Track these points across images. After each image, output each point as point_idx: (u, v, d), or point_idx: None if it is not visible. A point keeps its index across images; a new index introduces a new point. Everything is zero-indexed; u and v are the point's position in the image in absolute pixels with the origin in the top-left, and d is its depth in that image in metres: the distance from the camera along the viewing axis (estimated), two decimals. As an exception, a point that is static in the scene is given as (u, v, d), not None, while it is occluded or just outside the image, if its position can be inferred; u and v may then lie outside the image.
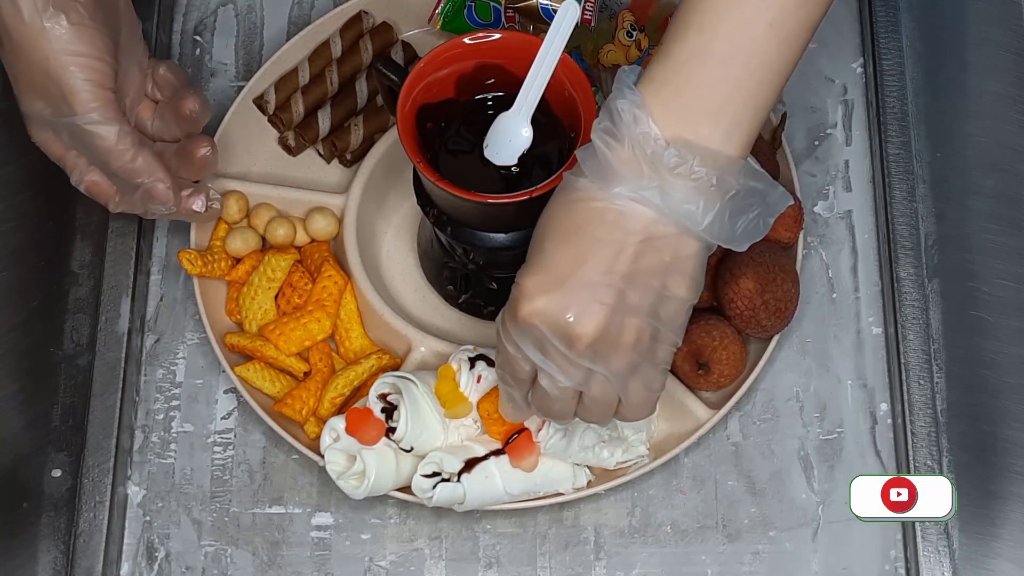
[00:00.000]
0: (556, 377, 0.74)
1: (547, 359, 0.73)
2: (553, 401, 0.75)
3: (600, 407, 0.76)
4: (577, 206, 0.71)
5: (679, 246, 0.71)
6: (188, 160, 0.88)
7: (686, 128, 0.69)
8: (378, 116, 1.00)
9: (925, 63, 1.02)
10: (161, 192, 0.86)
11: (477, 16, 1.01)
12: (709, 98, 0.69)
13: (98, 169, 0.88)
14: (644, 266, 0.70)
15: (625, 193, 0.69)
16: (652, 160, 0.68)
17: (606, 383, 0.74)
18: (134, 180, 0.86)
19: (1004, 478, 0.92)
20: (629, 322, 0.71)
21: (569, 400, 0.75)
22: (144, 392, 0.95)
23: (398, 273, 0.99)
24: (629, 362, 0.73)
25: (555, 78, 0.81)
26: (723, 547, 0.91)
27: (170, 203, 0.88)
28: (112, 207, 0.90)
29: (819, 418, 0.94)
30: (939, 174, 0.99)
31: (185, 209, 0.90)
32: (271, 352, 0.93)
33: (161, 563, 0.91)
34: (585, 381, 0.74)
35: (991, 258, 0.97)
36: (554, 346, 0.72)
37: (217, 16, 1.07)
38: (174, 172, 0.88)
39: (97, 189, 0.89)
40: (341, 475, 0.87)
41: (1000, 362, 0.94)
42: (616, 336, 0.72)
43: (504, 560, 0.91)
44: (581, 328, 0.71)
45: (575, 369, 0.73)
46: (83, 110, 0.83)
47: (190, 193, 0.90)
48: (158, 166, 0.87)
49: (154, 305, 0.98)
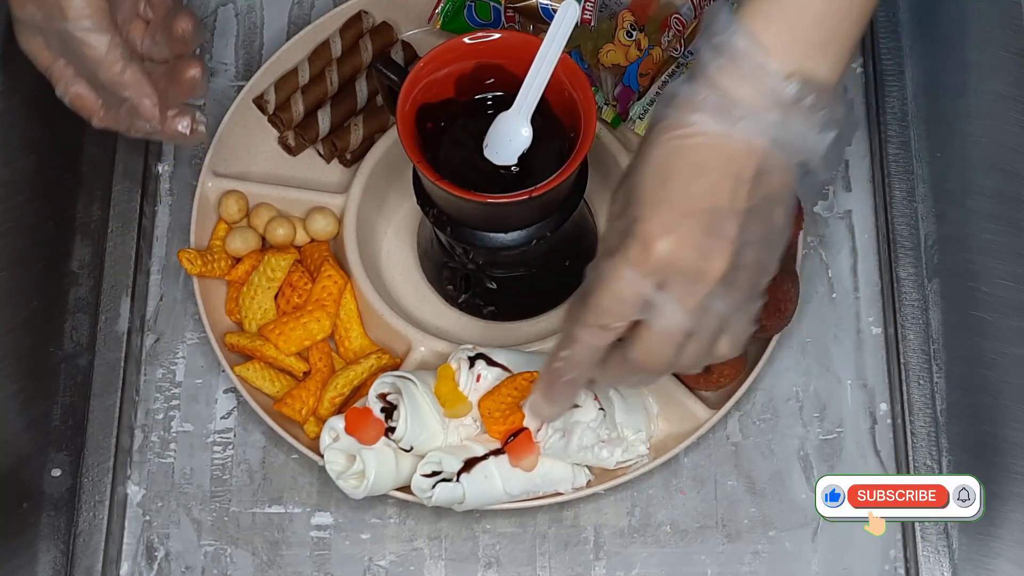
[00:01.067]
0: (674, 319, 0.72)
1: (668, 300, 0.71)
2: (660, 349, 0.73)
3: (704, 349, 0.74)
4: (692, 142, 0.70)
5: (786, 177, 0.72)
6: (177, 81, 0.87)
7: (799, 61, 0.69)
8: (378, 116, 1.00)
9: (925, 63, 1.02)
10: (147, 108, 0.86)
11: (477, 16, 1.01)
12: (817, 30, 0.70)
13: (84, 81, 0.87)
14: (760, 199, 0.71)
15: (745, 127, 0.69)
16: (773, 94, 0.69)
17: (717, 321, 0.73)
18: (121, 93, 0.85)
19: (1004, 478, 0.91)
20: (749, 255, 0.72)
21: (676, 347, 0.73)
22: (144, 392, 0.95)
23: (398, 273, 0.99)
24: (744, 296, 0.73)
25: (555, 78, 0.81)
26: (723, 547, 0.91)
27: (155, 120, 0.86)
28: (96, 121, 0.89)
29: (819, 418, 0.94)
30: (939, 174, 0.99)
31: (170, 130, 0.89)
32: (271, 352, 0.93)
33: (161, 563, 0.91)
34: (699, 321, 0.73)
35: (991, 258, 0.97)
36: (679, 286, 0.71)
37: (217, 16, 1.07)
38: (161, 93, 0.87)
39: (81, 102, 0.88)
40: (341, 475, 0.87)
41: (1000, 362, 0.94)
42: (738, 270, 0.71)
43: (504, 560, 0.91)
44: (711, 264, 0.70)
45: (696, 308, 0.72)
46: (75, 16, 0.82)
47: (176, 114, 0.88)
48: (146, 82, 0.85)
49: (154, 305, 0.98)
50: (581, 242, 0.96)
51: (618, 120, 0.98)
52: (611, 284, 0.72)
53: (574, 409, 0.86)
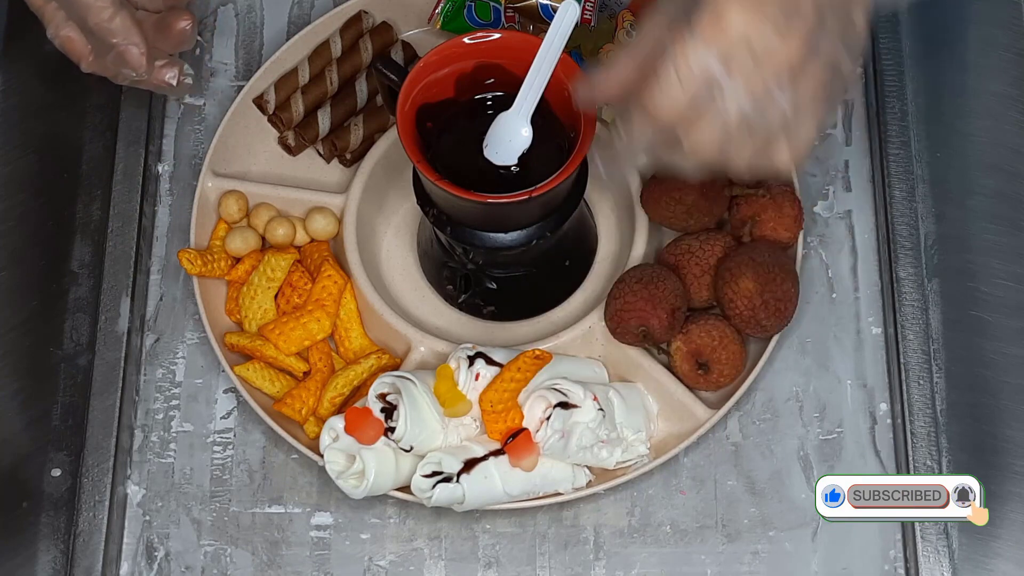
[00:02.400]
0: (738, 101, 0.68)
1: (736, 80, 0.67)
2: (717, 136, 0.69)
3: (761, 147, 0.70)
4: None
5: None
6: (167, 31, 0.87)
7: None
8: (378, 116, 1.00)
9: (925, 63, 1.02)
10: (134, 57, 0.86)
11: (477, 16, 1.00)
12: None
13: (75, 25, 0.87)
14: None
15: None
16: None
17: (780, 116, 0.69)
18: (109, 40, 0.85)
19: (1004, 478, 0.91)
20: (825, 47, 0.68)
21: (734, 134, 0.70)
22: (144, 392, 0.95)
23: (398, 273, 0.99)
24: (813, 94, 0.69)
25: (555, 78, 0.81)
26: (723, 547, 0.91)
27: (141, 70, 0.86)
28: (84, 66, 0.89)
29: (819, 418, 0.94)
30: (939, 174, 0.99)
31: (157, 79, 0.89)
32: (271, 352, 0.93)
33: (161, 562, 0.91)
34: (763, 110, 0.69)
35: (991, 258, 0.97)
36: (748, 65, 0.67)
37: (217, 16, 1.06)
38: (151, 42, 0.87)
39: (71, 45, 0.88)
40: (340, 475, 0.87)
41: (1000, 362, 0.94)
42: (812, 60, 0.68)
43: (504, 560, 0.91)
44: (786, 45, 0.67)
45: (763, 93, 0.68)
46: None
47: (164, 64, 0.88)
48: (135, 30, 0.86)
49: (154, 305, 0.98)
50: (581, 242, 0.96)
51: (618, 120, 0.98)
52: (677, 59, 0.67)
53: (573, 409, 0.87)
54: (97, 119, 1.02)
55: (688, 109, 0.69)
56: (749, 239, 0.93)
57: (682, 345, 0.91)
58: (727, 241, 0.93)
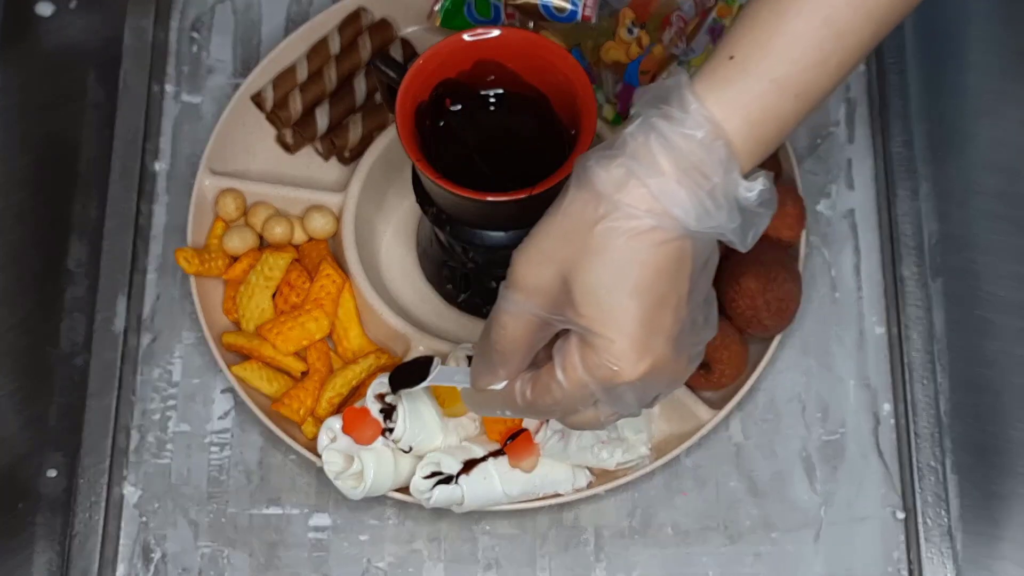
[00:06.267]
0: (627, 412, 0.71)
1: (626, 404, 0.70)
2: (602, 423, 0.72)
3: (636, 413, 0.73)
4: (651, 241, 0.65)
5: (716, 254, 0.70)
6: None
7: (755, 158, 0.67)
8: (377, 113, 0.99)
9: (928, 61, 1.02)
10: None
11: (476, 13, 1.00)
12: (775, 130, 0.67)
13: None
14: (703, 286, 0.69)
15: (706, 228, 0.66)
16: (737, 197, 0.66)
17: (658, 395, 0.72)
18: None
19: (1008, 478, 0.92)
20: (701, 343, 0.71)
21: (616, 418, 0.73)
22: (140, 392, 0.95)
23: (397, 272, 0.98)
24: (686, 373, 0.71)
25: (555, 75, 0.81)
26: (724, 548, 0.90)
27: None
28: None
29: (821, 418, 0.94)
30: (942, 173, 0.99)
31: None
32: (268, 351, 0.92)
33: (157, 564, 0.91)
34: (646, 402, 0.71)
35: (994, 257, 0.97)
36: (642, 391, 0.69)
37: (215, 13, 1.06)
38: None
39: None
40: (339, 475, 0.87)
41: (1003, 362, 0.94)
42: (694, 359, 0.70)
43: (504, 561, 0.90)
44: (676, 372, 0.69)
45: (647, 399, 0.71)
46: None
47: None
48: None
49: (151, 304, 0.97)
50: (581, 241, 0.95)
51: (619, 119, 0.98)
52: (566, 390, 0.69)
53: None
54: (94, 117, 1.02)
55: (567, 411, 0.71)
56: (751, 238, 0.93)
57: (683, 345, 0.90)
58: (729, 240, 0.93)
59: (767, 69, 0.66)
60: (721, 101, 0.66)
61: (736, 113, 0.66)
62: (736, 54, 0.66)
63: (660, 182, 0.65)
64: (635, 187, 0.65)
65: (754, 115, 0.66)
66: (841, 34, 0.66)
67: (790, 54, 0.66)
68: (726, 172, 0.65)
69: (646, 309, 0.66)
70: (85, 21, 1.05)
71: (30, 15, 1.05)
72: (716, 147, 0.65)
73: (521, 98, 0.84)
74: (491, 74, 0.85)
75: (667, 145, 0.65)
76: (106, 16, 1.04)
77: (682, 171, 0.65)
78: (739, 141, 0.66)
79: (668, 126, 0.66)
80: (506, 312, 0.69)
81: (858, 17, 0.66)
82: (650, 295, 0.66)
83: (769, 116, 0.66)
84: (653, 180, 0.65)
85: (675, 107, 0.66)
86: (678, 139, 0.65)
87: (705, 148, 0.65)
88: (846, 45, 0.66)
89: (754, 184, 0.66)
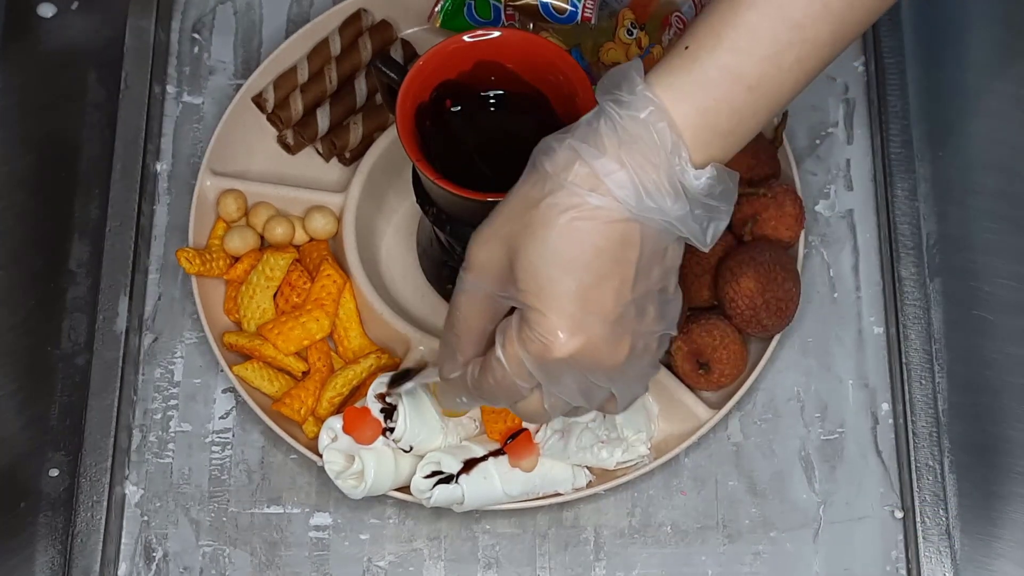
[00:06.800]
0: (566, 397, 0.70)
1: (564, 387, 0.70)
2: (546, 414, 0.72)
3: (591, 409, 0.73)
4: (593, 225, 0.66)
5: (679, 249, 0.69)
6: None
7: (708, 149, 0.67)
8: (377, 114, 0.99)
9: (927, 61, 1.02)
10: None
11: (477, 14, 1.00)
12: (728, 119, 0.67)
13: None
14: (656, 277, 0.68)
15: (652, 214, 0.66)
16: (684, 184, 0.66)
17: (608, 393, 0.72)
18: None
19: (1006, 478, 0.91)
20: (646, 329, 0.70)
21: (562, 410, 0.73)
22: (142, 391, 0.95)
23: (397, 272, 0.98)
24: (639, 373, 0.71)
25: (555, 76, 0.81)
26: (723, 548, 0.91)
27: None
28: None
29: (820, 418, 0.94)
30: (941, 173, 0.99)
31: None
32: (269, 351, 0.92)
33: (159, 563, 0.91)
34: (590, 396, 0.71)
35: (993, 257, 0.97)
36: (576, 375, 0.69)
37: (216, 14, 1.06)
38: None
39: None
40: (340, 475, 0.87)
41: (1002, 362, 0.94)
42: (640, 352, 0.70)
43: (503, 560, 0.90)
44: (614, 358, 0.68)
45: (589, 390, 0.70)
46: None
47: None
48: None
49: (152, 304, 0.97)
50: (581, 241, 0.95)
51: (618, 119, 0.98)
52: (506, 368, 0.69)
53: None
54: (95, 118, 1.02)
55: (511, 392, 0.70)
56: (750, 238, 0.93)
57: (683, 345, 0.90)
58: (728, 240, 0.93)
59: (718, 59, 0.66)
60: (671, 88, 0.66)
61: (685, 100, 0.66)
62: (691, 44, 0.67)
63: (603, 163, 0.65)
64: (580, 167, 0.66)
65: (705, 104, 0.66)
66: (796, 27, 0.66)
67: (742, 45, 0.66)
68: (670, 155, 0.65)
69: (582, 286, 0.66)
70: (86, 22, 1.05)
71: (32, 16, 1.05)
72: (660, 129, 0.65)
73: (521, 99, 0.84)
74: (491, 75, 0.85)
75: (613, 127, 0.66)
76: (107, 17, 1.04)
77: (625, 152, 0.65)
78: (688, 128, 0.66)
79: (616, 109, 0.66)
80: (461, 292, 0.70)
81: (814, 11, 0.66)
82: (588, 273, 0.66)
83: (722, 106, 0.66)
84: (597, 161, 0.65)
85: (624, 91, 0.66)
86: (624, 121, 0.66)
87: (648, 129, 0.65)
88: (803, 39, 0.66)
89: (702, 172, 0.66)
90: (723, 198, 0.68)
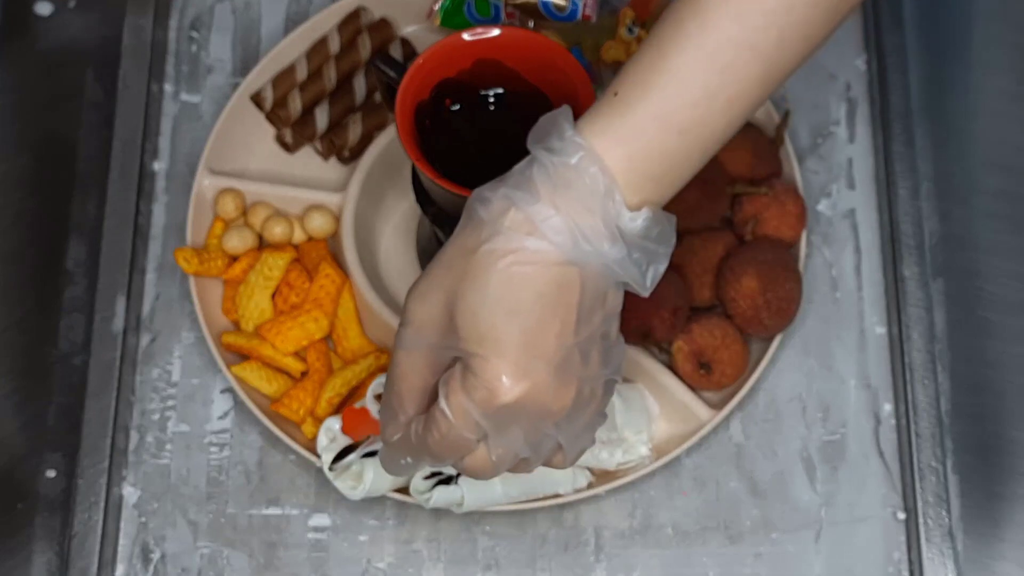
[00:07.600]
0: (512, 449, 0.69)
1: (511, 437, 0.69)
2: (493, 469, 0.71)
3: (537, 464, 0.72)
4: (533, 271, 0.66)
5: (617, 296, 0.69)
6: None
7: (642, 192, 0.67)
8: (376, 113, 0.99)
9: (929, 60, 1.02)
10: None
11: (476, 12, 1.00)
12: (659, 163, 0.67)
13: None
14: (597, 321, 0.68)
15: (590, 258, 0.66)
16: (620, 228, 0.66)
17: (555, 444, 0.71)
18: None
19: (1009, 479, 0.91)
20: (595, 380, 0.69)
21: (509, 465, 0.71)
22: (140, 392, 0.95)
23: (396, 272, 0.98)
24: (587, 422, 0.71)
25: (556, 75, 0.81)
26: (725, 549, 0.90)
27: None
28: None
29: (822, 419, 0.93)
30: (943, 172, 0.99)
31: None
32: (268, 351, 0.92)
33: (156, 565, 0.90)
34: (536, 447, 0.70)
35: (996, 257, 0.97)
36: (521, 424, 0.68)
37: (214, 12, 1.06)
38: None
39: None
40: (338, 475, 0.86)
41: (1005, 362, 0.94)
42: (586, 398, 0.69)
43: (503, 562, 0.90)
44: (560, 403, 0.68)
45: (536, 440, 0.69)
46: None
47: None
48: None
49: (150, 304, 0.97)
50: (582, 241, 0.95)
51: (619, 117, 0.97)
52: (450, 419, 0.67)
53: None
54: (93, 117, 1.02)
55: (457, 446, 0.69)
56: (751, 238, 0.93)
57: (684, 345, 0.90)
58: (729, 240, 0.93)
59: (647, 105, 0.66)
60: (602, 134, 0.66)
61: (616, 145, 0.66)
62: (620, 91, 0.67)
63: (537, 208, 0.65)
64: (515, 213, 0.66)
65: (635, 150, 0.66)
66: (725, 71, 0.66)
67: (670, 90, 0.66)
68: (604, 199, 0.65)
69: (524, 331, 0.65)
70: (84, 20, 1.05)
71: (29, 14, 1.05)
72: (592, 173, 0.65)
73: (521, 97, 0.84)
74: (491, 73, 0.85)
75: (545, 173, 0.66)
76: (105, 15, 1.04)
77: (559, 197, 0.65)
78: (621, 173, 0.66)
79: (547, 156, 0.66)
80: (399, 349, 0.69)
81: (742, 54, 0.66)
82: (529, 317, 0.65)
83: (653, 152, 0.66)
84: (532, 207, 0.65)
85: (555, 138, 0.67)
86: (556, 167, 0.66)
87: (580, 174, 0.66)
88: (735, 80, 0.66)
89: (638, 214, 0.66)
90: (661, 240, 0.68)
